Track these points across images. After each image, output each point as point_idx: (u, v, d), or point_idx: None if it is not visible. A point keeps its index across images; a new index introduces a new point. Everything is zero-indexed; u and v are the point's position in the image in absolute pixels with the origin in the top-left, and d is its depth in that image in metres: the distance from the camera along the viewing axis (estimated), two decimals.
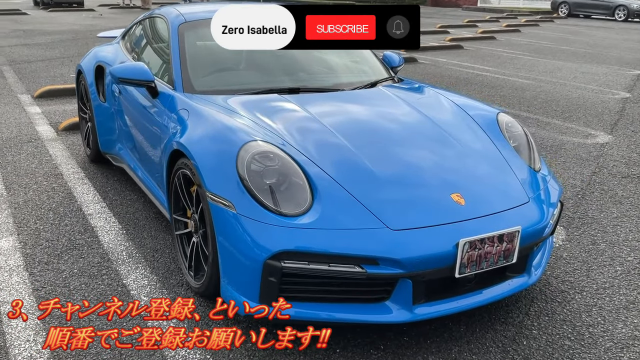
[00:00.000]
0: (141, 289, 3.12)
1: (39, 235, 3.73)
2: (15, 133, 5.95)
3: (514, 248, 2.64)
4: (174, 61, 3.63)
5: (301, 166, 2.66)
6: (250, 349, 2.66)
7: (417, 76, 9.83)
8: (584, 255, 3.64)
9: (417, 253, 2.45)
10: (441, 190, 2.73)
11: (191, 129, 3.01)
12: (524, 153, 3.24)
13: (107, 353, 2.60)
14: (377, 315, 2.53)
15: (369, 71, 4.08)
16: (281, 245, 2.42)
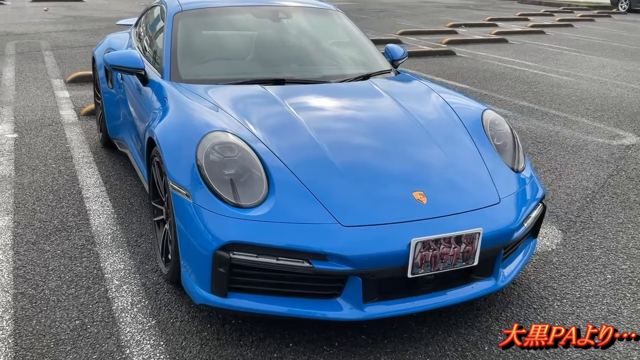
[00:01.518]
0: (115, 273, 3.18)
1: (33, 216, 3.85)
2: (39, 116, 6.16)
3: (474, 250, 2.55)
4: (165, 49, 3.67)
5: (261, 158, 2.65)
6: (205, 337, 2.68)
7: (450, 70, 9.65)
8: (575, 261, 3.49)
9: (367, 251, 2.40)
10: (403, 187, 2.66)
11: (165, 117, 3.04)
12: (507, 152, 3.13)
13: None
14: (327, 311, 2.50)
15: (365, 63, 4.02)
16: (230, 237, 2.42)
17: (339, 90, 3.47)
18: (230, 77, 3.52)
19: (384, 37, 13.25)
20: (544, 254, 3.56)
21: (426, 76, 9.04)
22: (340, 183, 2.63)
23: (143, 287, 3.06)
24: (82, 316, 2.81)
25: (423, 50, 11.48)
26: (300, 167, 2.65)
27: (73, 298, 2.95)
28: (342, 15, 4.40)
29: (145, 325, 2.76)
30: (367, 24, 16.46)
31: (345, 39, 4.24)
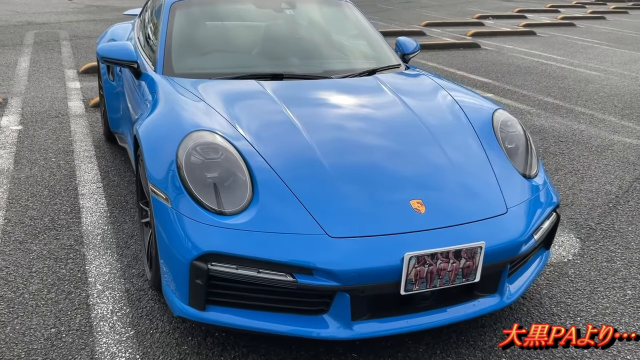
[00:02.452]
0: (99, 277, 3.03)
1: (25, 213, 3.73)
2: (46, 108, 6.06)
3: (475, 266, 2.32)
4: (160, 41, 3.50)
5: (246, 160, 2.45)
6: (184, 352, 2.50)
7: (473, 63, 9.33)
8: (593, 274, 3.23)
9: (355, 265, 2.19)
10: (400, 195, 2.44)
11: (151, 114, 2.86)
12: (519, 156, 2.88)
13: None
14: (312, 329, 2.30)
15: (373, 58, 3.79)
16: (208, 246, 2.23)
17: (339, 86, 3.25)
18: (225, 71, 3.32)
19: (407, 29, 12.95)
20: (559, 265, 3.31)
21: (447, 70, 8.76)
22: (331, 189, 2.42)
23: (126, 293, 2.90)
24: (59, 324, 2.66)
25: (446, 42, 11.15)
26: (288, 171, 2.45)
27: (52, 303, 2.81)
28: (352, 6, 4.16)
29: (123, 335, 2.59)
30: (392, 15, 16.14)
31: (352, 32, 4.01)
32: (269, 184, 2.39)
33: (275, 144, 2.58)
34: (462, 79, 8.16)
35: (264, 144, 2.56)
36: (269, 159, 2.48)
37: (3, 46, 9.36)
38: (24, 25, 11.64)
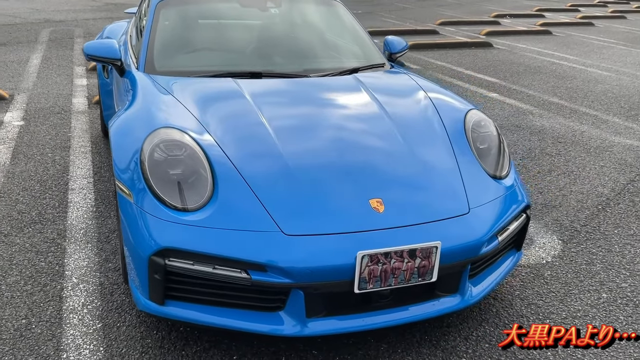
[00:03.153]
0: (76, 270, 3.09)
1: (14, 206, 3.81)
2: (50, 104, 6.17)
3: (431, 265, 2.33)
4: (144, 39, 3.55)
5: (209, 158, 2.48)
6: (147, 345, 2.55)
7: (482, 62, 9.26)
8: (569, 276, 3.20)
9: (308, 263, 2.21)
10: (360, 194, 2.45)
11: (124, 111, 2.91)
12: (490, 157, 2.87)
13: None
14: (267, 325, 2.32)
15: (356, 57, 3.80)
16: (165, 242, 2.27)
17: (316, 85, 3.26)
18: (205, 69, 3.36)
19: (420, 27, 12.91)
20: (536, 267, 3.28)
21: (455, 69, 8.71)
22: (291, 187, 2.44)
23: (99, 287, 2.96)
24: (31, 315, 2.73)
25: (457, 41, 11.08)
26: (250, 169, 2.47)
27: (27, 295, 2.88)
28: (340, 5, 4.17)
29: (90, 328, 2.65)
30: (407, 13, 16.07)
31: (338, 31, 4.02)
32: (229, 182, 2.42)
33: (240, 142, 2.61)
34: (469, 78, 8.11)
35: (229, 142, 2.59)
36: (232, 157, 2.51)
37: (18, 43, 9.55)
38: (41, 23, 11.86)
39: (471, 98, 7.02)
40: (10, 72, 7.55)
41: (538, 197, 4.23)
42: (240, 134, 2.68)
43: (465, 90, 7.41)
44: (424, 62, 9.24)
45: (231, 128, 2.70)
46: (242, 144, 2.60)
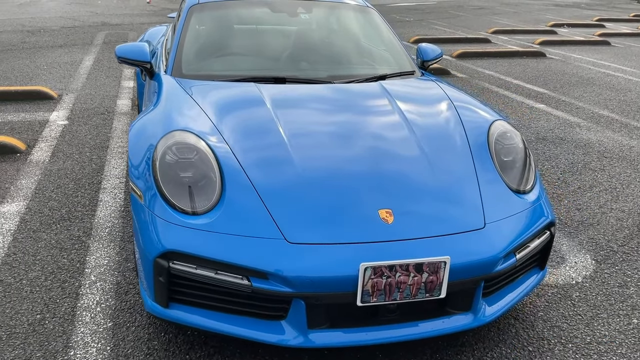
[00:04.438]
0: (96, 268, 3.14)
1: (46, 203, 3.92)
2: (96, 104, 6.35)
3: (439, 281, 2.24)
4: (174, 42, 3.59)
5: (220, 162, 2.47)
6: (153, 347, 2.55)
7: (533, 72, 8.99)
8: (599, 299, 3.04)
9: (310, 273, 2.16)
10: (370, 204, 2.38)
11: (144, 114, 2.94)
12: (514, 170, 2.75)
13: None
14: (269, 334, 2.28)
15: (385, 64, 3.73)
16: (170, 245, 2.27)
17: (338, 91, 3.21)
18: (230, 73, 3.36)
19: (471, 36, 12.67)
20: (565, 287, 3.13)
21: (503, 78, 8.49)
22: (300, 195, 2.39)
23: (116, 286, 2.99)
24: (46, 311, 2.78)
25: (509, 50, 10.80)
26: (260, 175, 2.45)
27: (45, 291, 2.94)
28: (373, 11, 4.11)
29: (100, 326, 2.67)
30: (461, 21, 15.82)
31: (368, 38, 3.95)
32: (237, 187, 2.40)
33: (253, 149, 2.58)
34: (517, 88, 7.89)
35: (242, 147, 2.57)
36: (243, 162, 2.49)
37: (73, 45, 9.89)
38: (98, 26, 12.26)
39: (516, 109, 6.82)
40: (62, 72, 7.82)
41: (575, 213, 4.05)
42: (254, 139, 2.66)
43: (510, 101, 7.21)
44: (472, 71, 9.05)
45: (245, 133, 2.69)
46: (254, 150, 2.58)
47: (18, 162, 4.61)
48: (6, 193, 4.03)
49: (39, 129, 5.43)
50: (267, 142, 2.64)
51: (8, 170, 4.43)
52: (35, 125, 5.52)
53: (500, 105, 7.00)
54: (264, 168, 2.49)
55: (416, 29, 13.79)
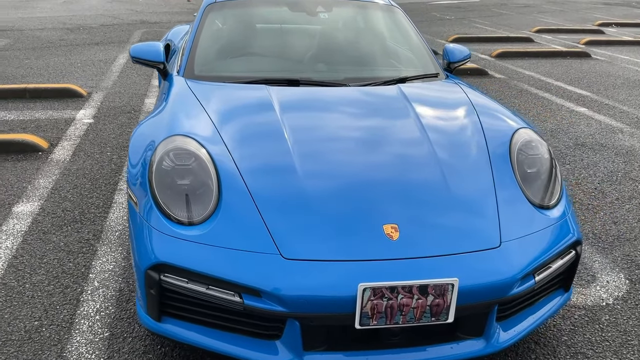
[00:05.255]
0: (100, 274, 3.06)
1: (60, 204, 3.87)
2: (123, 103, 6.33)
3: (446, 305, 2.06)
4: (188, 42, 3.49)
5: (218, 170, 2.34)
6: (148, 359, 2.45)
7: (576, 74, 8.62)
8: (630, 324, 2.80)
9: (304, 292, 2.01)
10: (374, 218, 2.22)
11: (149, 117, 2.84)
12: (538, 183, 2.54)
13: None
14: (262, 354, 2.14)
15: (408, 65, 3.54)
16: (161, 257, 2.15)
17: (352, 95, 3.05)
18: (242, 75, 3.23)
19: (513, 35, 12.28)
20: (593, 310, 2.89)
21: (544, 79, 8.15)
22: (300, 207, 2.24)
23: (118, 293, 2.90)
24: (44, 317, 2.71)
25: (552, 50, 10.40)
26: (260, 185, 2.31)
27: (47, 296, 2.87)
28: (397, 11, 3.92)
29: (97, 336, 2.59)
30: (503, 20, 15.38)
31: (391, 38, 3.77)
32: (234, 196, 2.27)
33: (254, 156, 2.45)
34: (557, 90, 7.55)
35: (243, 155, 2.44)
36: (243, 171, 2.36)
37: (110, 43, 9.97)
38: (136, 24, 12.37)
39: (555, 112, 6.51)
40: (95, 70, 7.87)
41: (611, 227, 3.78)
42: (257, 146, 2.52)
43: (549, 103, 6.89)
44: (510, 72, 8.73)
45: (249, 140, 2.55)
46: (256, 157, 2.44)
47: (39, 160, 4.60)
48: (23, 193, 4.01)
49: (64, 127, 5.44)
50: (270, 149, 2.50)
51: (28, 169, 4.42)
52: (60, 124, 5.53)
53: (538, 108, 6.70)
54: (265, 177, 2.35)
55: (456, 28, 13.45)
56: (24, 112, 5.86)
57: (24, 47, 9.32)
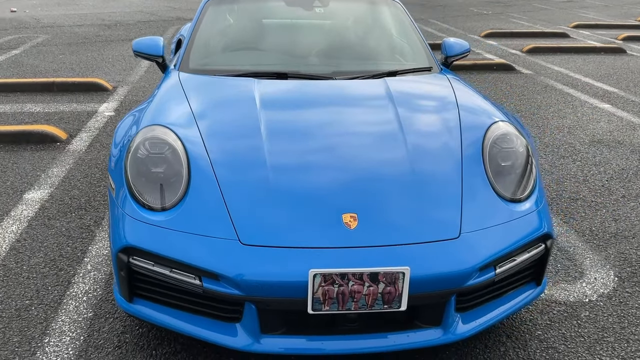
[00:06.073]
0: (94, 258, 3.20)
1: (69, 192, 4.05)
2: (146, 97, 6.51)
3: (398, 293, 2.09)
4: (187, 37, 3.60)
5: (189, 158, 2.43)
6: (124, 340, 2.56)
7: (607, 70, 8.41)
8: (610, 321, 2.76)
9: (258, 277, 2.08)
10: (334, 207, 2.26)
11: (136, 108, 2.96)
12: (511, 176, 2.54)
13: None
14: (221, 335, 2.23)
15: (400, 59, 3.57)
16: (129, 240, 2.26)
17: (335, 89, 3.09)
18: (232, 68, 3.31)
19: (549, 30, 12.04)
20: (574, 305, 2.87)
21: (572, 75, 7.99)
22: (264, 196, 2.31)
23: (108, 276, 3.03)
24: (35, 297, 2.86)
25: (585, 46, 10.16)
26: (227, 174, 2.39)
27: (41, 277, 3.02)
28: (395, 4, 3.93)
29: (80, 316, 2.72)
30: (543, 15, 15.08)
31: (385, 32, 3.79)
32: (203, 186, 2.35)
33: (227, 148, 2.52)
34: (584, 87, 7.39)
35: (217, 147, 2.51)
36: (214, 161, 2.44)
37: None
38: (172, 21, 12.65)
39: (576, 109, 6.38)
40: (124, 65, 8.11)
41: (610, 224, 3.72)
42: (231, 138, 2.60)
43: (572, 100, 6.76)
44: (539, 67, 8.58)
45: (224, 132, 2.63)
46: (228, 149, 2.52)
47: (56, 150, 4.81)
48: (35, 180, 4.21)
49: (85, 119, 5.65)
50: (243, 141, 2.58)
51: (44, 159, 4.62)
52: (82, 116, 5.74)
53: (560, 104, 6.58)
54: (234, 167, 2.43)
55: (491, 23, 13.26)
56: (50, 104, 6.11)
57: (61, 43, 9.68)
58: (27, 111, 5.87)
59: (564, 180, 4.43)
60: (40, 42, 9.76)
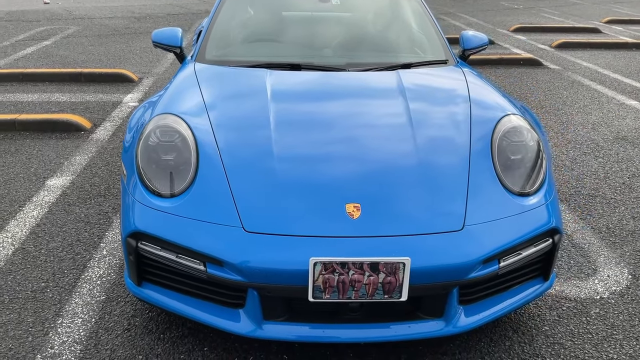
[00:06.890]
0: (110, 244, 3.28)
1: (91, 179, 4.14)
2: None
3: (399, 283, 2.10)
4: (204, 28, 3.64)
5: (198, 146, 2.48)
6: (134, 323, 2.63)
7: (637, 66, 8.21)
8: (620, 318, 2.73)
9: (261, 264, 2.11)
10: (338, 197, 2.28)
11: (150, 98, 3.01)
12: (521, 170, 2.52)
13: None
14: (225, 321, 2.27)
15: (416, 51, 3.55)
16: (138, 225, 2.31)
17: (347, 80, 3.09)
18: (247, 59, 3.34)
19: (580, 25, 11.82)
20: (585, 302, 2.84)
21: (601, 71, 7.84)
22: (270, 184, 2.34)
23: (123, 261, 3.10)
24: (51, 280, 2.94)
25: (616, 41, 9.94)
26: (235, 163, 2.42)
27: (58, 261, 3.11)
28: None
29: (94, 299, 2.79)
30: (575, 9, 14.80)
31: (402, 24, 3.78)
32: (210, 172, 2.39)
33: (236, 136, 2.56)
34: (612, 83, 7.25)
35: (226, 135, 2.55)
36: (223, 149, 2.48)
37: None
38: (201, 14, 12.77)
39: (602, 105, 6.27)
40: (151, 57, 8.23)
41: (628, 222, 3.66)
42: (241, 128, 2.63)
43: (599, 96, 6.63)
44: (567, 63, 8.43)
45: (234, 121, 2.67)
46: (237, 138, 2.56)
47: (80, 139, 4.92)
48: (58, 168, 4.32)
49: (110, 109, 5.76)
50: (252, 131, 2.61)
51: (68, 147, 4.73)
52: (107, 106, 5.86)
53: (586, 100, 6.47)
54: (241, 156, 2.46)
55: (521, 17, 13.07)
56: (76, 94, 6.24)
57: (91, 34, 9.86)
58: (54, 100, 6.01)
59: (584, 176, 4.37)
60: (70, 33, 9.95)
